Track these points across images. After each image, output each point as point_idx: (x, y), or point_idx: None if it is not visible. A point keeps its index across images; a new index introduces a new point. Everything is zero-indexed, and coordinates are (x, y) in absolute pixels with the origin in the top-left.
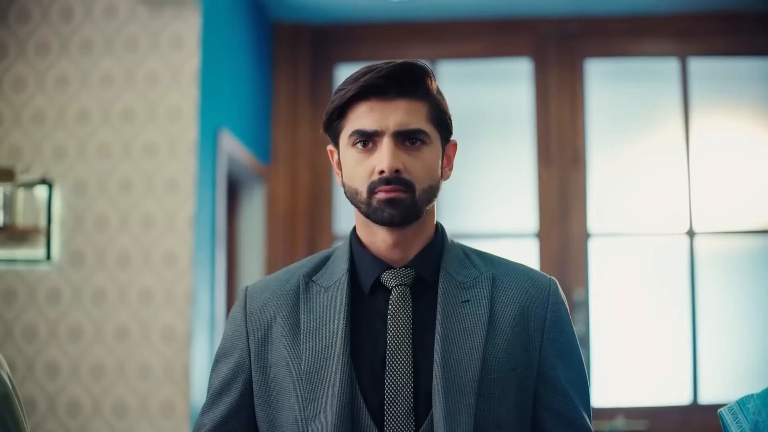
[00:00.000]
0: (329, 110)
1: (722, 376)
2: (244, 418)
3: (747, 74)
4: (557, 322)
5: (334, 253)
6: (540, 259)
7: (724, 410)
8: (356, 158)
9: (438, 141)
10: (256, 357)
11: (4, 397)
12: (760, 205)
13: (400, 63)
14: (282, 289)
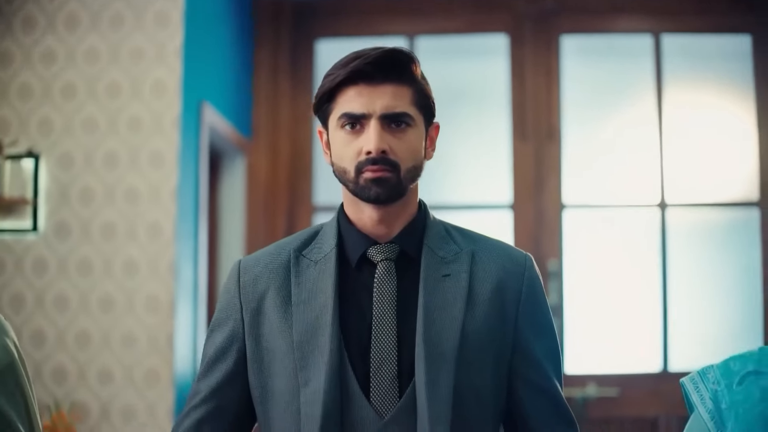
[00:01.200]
0: (319, 94)
1: (691, 345)
2: (238, 385)
3: (719, 51)
4: (532, 295)
5: (323, 228)
6: (515, 230)
7: (686, 380)
8: (345, 139)
9: (422, 123)
10: (249, 327)
11: (9, 366)
12: (730, 178)
13: (386, 50)
14: (273, 262)
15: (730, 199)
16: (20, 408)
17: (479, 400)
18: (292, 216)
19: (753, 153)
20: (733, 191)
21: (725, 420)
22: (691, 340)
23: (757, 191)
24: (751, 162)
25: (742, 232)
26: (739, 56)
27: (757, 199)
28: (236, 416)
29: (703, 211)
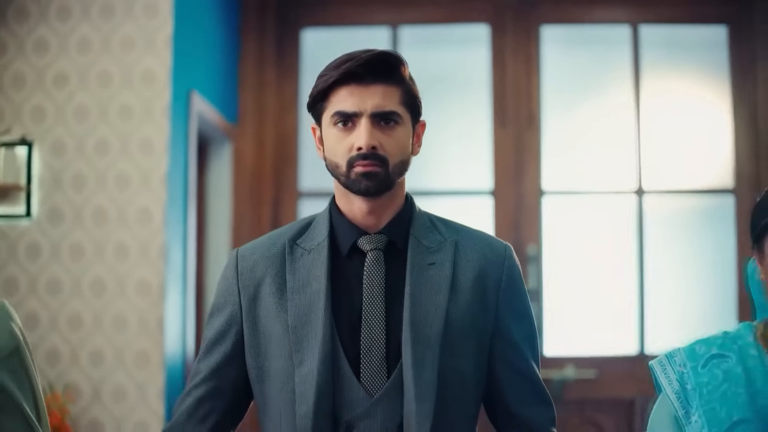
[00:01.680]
0: (313, 93)
1: (667, 328)
2: (236, 365)
3: (695, 41)
4: (511, 283)
5: (315, 219)
6: (495, 216)
7: (654, 363)
8: (337, 136)
9: (409, 121)
10: (247, 311)
11: (15, 350)
12: (706, 166)
13: (377, 52)
14: (269, 251)
15: (706, 186)
16: (26, 389)
17: (462, 381)
18: (277, 201)
19: (728, 141)
20: (709, 179)
21: (690, 400)
22: (667, 324)
23: (731, 179)
24: (726, 150)
25: (717, 218)
26: (715, 46)
27: (731, 187)
28: (234, 395)
29: (679, 197)
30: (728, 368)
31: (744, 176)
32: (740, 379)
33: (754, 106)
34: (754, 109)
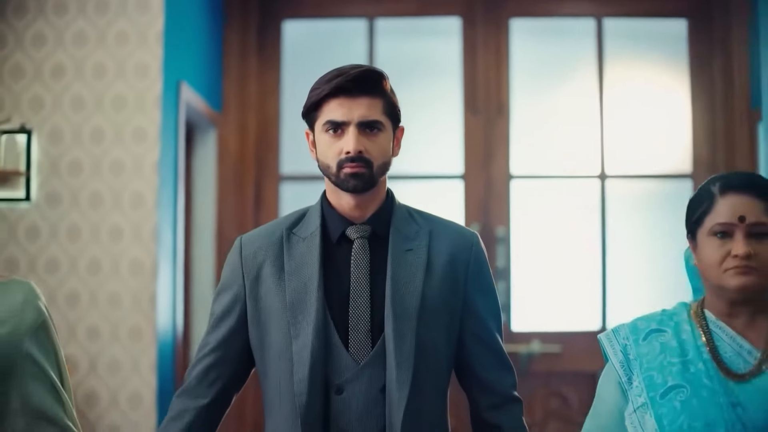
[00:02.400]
0: (307, 104)
1: (628, 305)
2: (240, 338)
3: (656, 34)
4: (478, 265)
5: (309, 211)
6: (465, 199)
7: (602, 336)
8: (328, 141)
9: (390, 128)
10: (250, 291)
11: (42, 324)
12: (666, 152)
13: (363, 69)
14: (269, 238)
15: (665, 172)
16: (51, 358)
17: (436, 350)
18: (259, 185)
19: (687, 129)
20: (668, 164)
21: (632, 368)
22: (628, 301)
23: (689, 164)
24: (685, 137)
25: (676, 202)
26: (675, 39)
27: (689, 172)
28: (238, 363)
29: (640, 182)
30: (665, 341)
31: (701, 162)
32: (675, 350)
33: (711, 96)
34: (712, 99)
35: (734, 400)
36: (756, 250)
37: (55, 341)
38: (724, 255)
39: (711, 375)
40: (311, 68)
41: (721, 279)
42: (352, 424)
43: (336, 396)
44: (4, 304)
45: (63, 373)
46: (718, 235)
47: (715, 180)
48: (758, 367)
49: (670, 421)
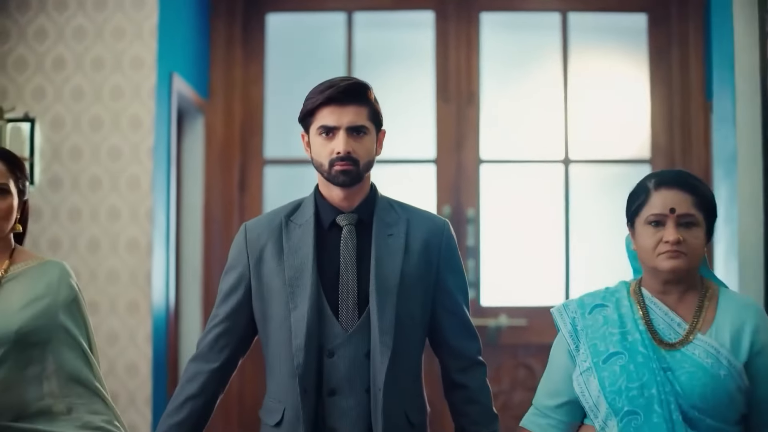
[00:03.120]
0: (303, 111)
1: (588, 281)
2: (245, 310)
3: (618, 27)
4: (448, 248)
5: (304, 201)
6: (437, 182)
7: (554, 310)
8: (321, 143)
9: (374, 131)
10: (253, 270)
11: (74, 299)
12: (626, 138)
13: (351, 82)
14: (270, 225)
15: (625, 157)
16: (82, 328)
17: (412, 321)
18: (244, 168)
19: (646, 117)
20: (628, 150)
21: (579, 338)
22: (589, 278)
23: (648, 150)
24: (644, 125)
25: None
26: (636, 32)
27: (648, 158)
28: (243, 332)
29: (601, 166)
30: (607, 315)
31: (659, 148)
32: (615, 322)
33: (669, 86)
34: (669, 88)
35: (665, 365)
36: (685, 236)
37: (84, 314)
38: (657, 241)
39: (646, 344)
40: (293, 58)
41: (655, 262)
42: (341, 383)
43: (328, 359)
44: (42, 281)
45: (92, 341)
46: (653, 224)
47: (651, 177)
48: (686, 337)
49: (611, 383)
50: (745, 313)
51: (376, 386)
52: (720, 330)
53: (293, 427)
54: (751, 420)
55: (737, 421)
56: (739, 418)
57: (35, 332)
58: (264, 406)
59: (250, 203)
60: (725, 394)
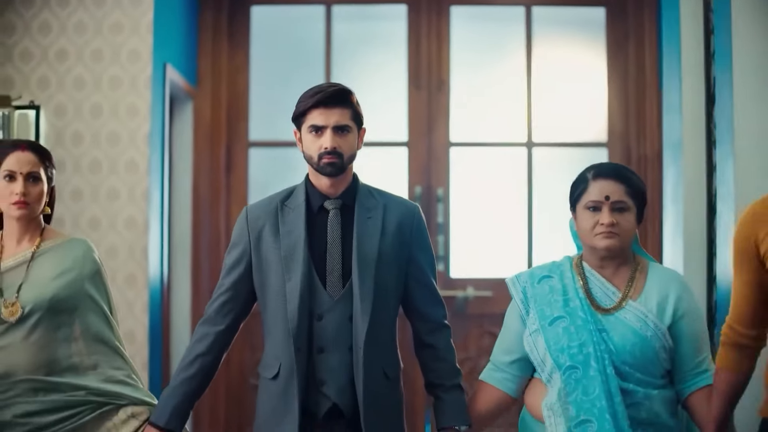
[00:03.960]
0: (296, 112)
1: (550, 255)
2: (247, 281)
3: (578, 19)
4: (419, 230)
5: (296, 188)
6: (409, 163)
7: (508, 280)
8: (311, 139)
9: (356, 130)
10: (254, 246)
11: (97, 271)
12: (585, 123)
13: (337, 89)
14: (267, 208)
15: (584, 140)
16: (104, 297)
17: (387, 291)
18: (230, 150)
19: (603, 104)
20: (587, 134)
21: (529, 304)
22: (550, 253)
23: (605, 134)
24: (602, 111)
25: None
26: (595, 24)
27: (605, 141)
28: (244, 300)
29: (562, 149)
30: (553, 284)
31: (615, 132)
32: (559, 291)
33: (625, 74)
34: (625, 77)
35: (600, 327)
36: (618, 220)
37: (106, 284)
38: (594, 223)
39: (585, 309)
40: (276, 47)
41: (593, 241)
42: (328, 342)
43: (317, 322)
44: (69, 256)
45: (112, 307)
46: (591, 209)
47: (590, 168)
48: (619, 304)
49: (555, 342)
50: (670, 283)
51: (357, 345)
52: (648, 298)
53: (288, 379)
54: (675, 374)
55: (662, 375)
56: (663, 372)
57: (65, 300)
58: (262, 362)
59: (235, 183)
60: (651, 352)
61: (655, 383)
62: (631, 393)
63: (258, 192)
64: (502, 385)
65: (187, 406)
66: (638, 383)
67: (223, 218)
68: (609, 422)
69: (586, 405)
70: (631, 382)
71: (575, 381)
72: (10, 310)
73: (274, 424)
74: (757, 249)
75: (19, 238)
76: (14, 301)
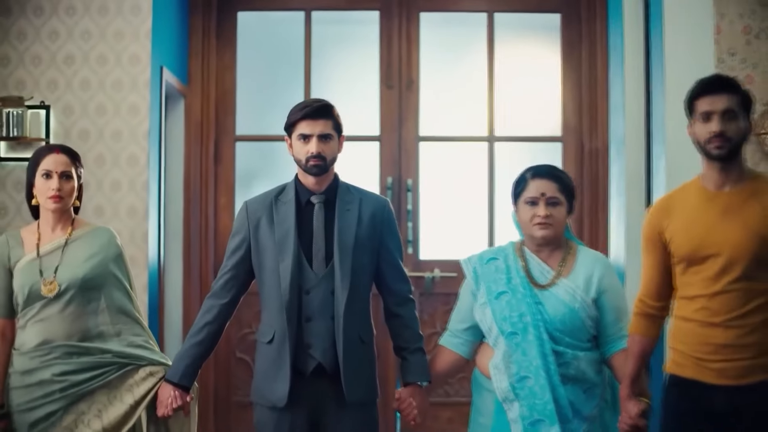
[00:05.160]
0: (287, 123)
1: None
2: (246, 262)
3: (536, 24)
4: (388, 220)
5: (287, 185)
6: (381, 156)
7: (462, 261)
8: (300, 146)
9: (336, 137)
10: (252, 234)
11: (120, 254)
12: (541, 119)
13: (321, 104)
14: (264, 202)
15: (541, 135)
16: (126, 276)
17: (362, 270)
18: (218, 144)
19: (558, 101)
20: (543, 129)
21: (479, 281)
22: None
23: (560, 130)
24: (557, 108)
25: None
26: (551, 29)
27: (560, 136)
28: (244, 278)
29: (520, 143)
30: (498, 265)
31: (569, 128)
32: (503, 271)
33: (578, 74)
34: (579, 77)
35: (537, 300)
36: (551, 212)
37: (127, 265)
38: (532, 215)
39: (524, 285)
40: (260, 49)
41: (531, 230)
42: (314, 312)
43: (305, 296)
44: (97, 242)
45: (132, 284)
46: (529, 204)
47: (529, 169)
48: (552, 281)
49: (500, 312)
50: (595, 264)
51: (338, 314)
52: (576, 276)
53: (281, 343)
54: (599, 339)
55: (588, 339)
56: (589, 337)
57: (94, 279)
58: (259, 330)
59: (223, 174)
60: (579, 321)
61: (582, 346)
62: (562, 354)
63: (244, 182)
64: (457, 349)
65: (197, 366)
66: (568, 346)
67: (212, 206)
68: (543, 377)
69: (525, 364)
70: (562, 345)
71: (516, 344)
72: (48, 287)
73: (271, 379)
74: (661, 235)
75: (53, 226)
76: (52, 280)
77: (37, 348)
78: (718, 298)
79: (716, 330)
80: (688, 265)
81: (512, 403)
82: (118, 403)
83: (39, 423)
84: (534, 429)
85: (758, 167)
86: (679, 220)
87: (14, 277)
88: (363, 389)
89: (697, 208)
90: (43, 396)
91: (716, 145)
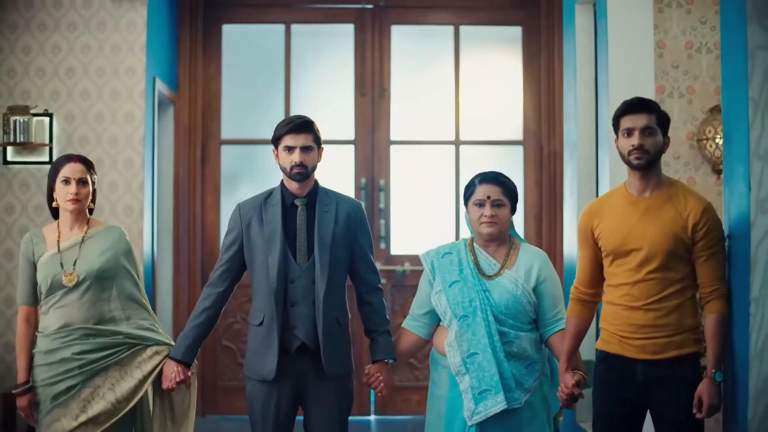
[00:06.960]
0: (274, 136)
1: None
2: (239, 256)
3: (498, 36)
4: (362, 220)
5: (274, 190)
6: (355, 158)
7: (421, 255)
8: (285, 156)
9: (317, 149)
10: (245, 232)
11: (129, 250)
12: (503, 124)
13: (303, 121)
14: (254, 204)
15: (503, 139)
16: (134, 268)
17: (339, 263)
18: (205, 147)
19: (519, 108)
20: (505, 133)
21: (435, 272)
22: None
23: (521, 134)
24: (518, 114)
25: (510, 161)
26: (513, 41)
27: (521, 140)
28: (237, 269)
29: (484, 146)
30: (452, 258)
31: (529, 132)
32: (456, 263)
33: (538, 84)
34: (538, 86)
35: (485, 288)
36: (496, 213)
37: (135, 258)
38: (480, 216)
39: (474, 275)
40: (244, 59)
41: (479, 228)
42: (298, 298)
43: (290, 284)
44: (109, 239)
45: (140, 274)
46: (477, 205)
47: (477, 176)
48: (498, 272)
49: (453, 298)
50: (534, 258)
51: (318, 300)
52: (518, 268)
53: (269, 325)
54: (538, 321)
55: (529, 322)
56: (530, 320)
57: (107, 271)
58: (250, 314)
59: (210, 175)
60: (520, 306)
61: (523, 327)
62: (506, 334)
63: (228, 182)
64: (417, 331)
65: (197, 345)
66: (511, 327)
67: (200, 205)
68: (490, 354)
69: (474, 342)
70: (506, 327)
71: (467, 326)
72: (68, 278)
73: (261, 356)
74: (592, 233)
75: (71, 225)
76: (72, 271)
77: (59, 330)
78: (639, 285)
79: (637, 312)
80: (614, 258)
81: (464, 376)
82: (129, 378)
83: (60, 395)
84: (482, 398)
85: (699, 170)
86: (607, 220)
87: (38, 270)
88: (340, 365)
89: (622, 210)
90: (64, 372)
91: (636, 156)
